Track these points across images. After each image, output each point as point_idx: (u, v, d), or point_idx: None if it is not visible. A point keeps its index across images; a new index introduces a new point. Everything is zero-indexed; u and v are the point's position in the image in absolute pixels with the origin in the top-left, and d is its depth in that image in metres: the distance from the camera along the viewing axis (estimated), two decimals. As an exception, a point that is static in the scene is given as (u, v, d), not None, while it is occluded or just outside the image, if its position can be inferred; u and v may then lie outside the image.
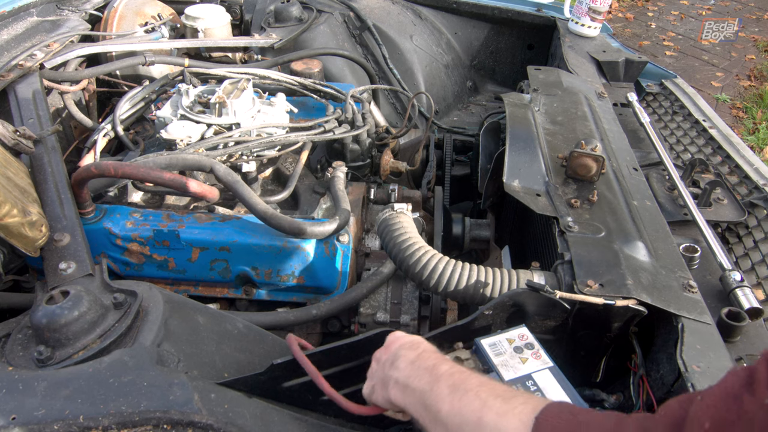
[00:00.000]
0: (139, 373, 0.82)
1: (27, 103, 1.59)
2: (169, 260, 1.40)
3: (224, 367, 0.99)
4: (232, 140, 1.52)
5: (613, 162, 1.58)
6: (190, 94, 1.62)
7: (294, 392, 0.99)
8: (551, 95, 1.90)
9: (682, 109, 2.16)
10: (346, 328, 1.47)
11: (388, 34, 2.66)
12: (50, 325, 0.92)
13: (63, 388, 0.79)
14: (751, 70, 5.46)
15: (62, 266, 1.15)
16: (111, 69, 1.95)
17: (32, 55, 1.78)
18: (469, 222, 1.73)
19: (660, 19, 6.58)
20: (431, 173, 2.02)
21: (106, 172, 1.26)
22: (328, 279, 1.42)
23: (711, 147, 1.92)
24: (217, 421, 0.77)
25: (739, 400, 0.58)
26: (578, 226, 1.30)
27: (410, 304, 1.42)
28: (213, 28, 2.25)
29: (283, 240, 1.36)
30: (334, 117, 1.72)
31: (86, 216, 1.36)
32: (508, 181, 1.46)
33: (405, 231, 1.32)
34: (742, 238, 1.57)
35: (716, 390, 0.62)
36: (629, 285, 1.12)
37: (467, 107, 2.94)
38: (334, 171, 1.61)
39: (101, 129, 1.64)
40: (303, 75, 1.99)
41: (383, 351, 0.92)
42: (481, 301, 1.20)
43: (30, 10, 2.05)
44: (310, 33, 2.46)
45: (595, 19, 2.45)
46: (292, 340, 0.97)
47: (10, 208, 1.12)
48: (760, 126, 4.48)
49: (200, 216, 1.42)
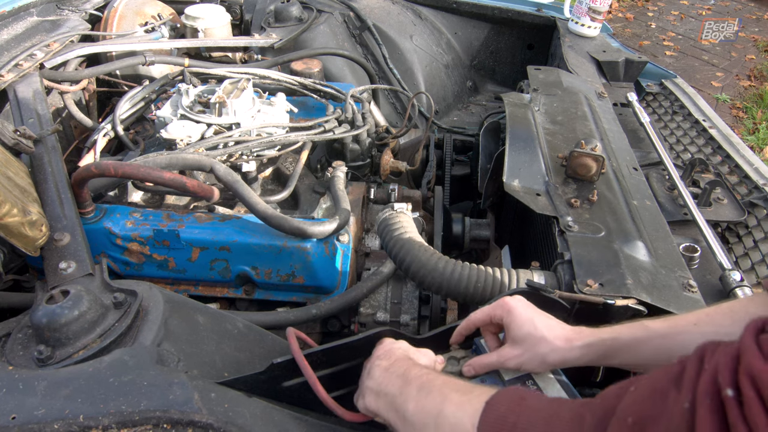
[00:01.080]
0: (139, 373, 0.82)
1: (27, 102, 1.59)
2: (169, 260, 1.40)
3: (224, 367, 0.99)
4: (232, 140, 1.52)
5: (613, 162, 1.58)
6: (190, 94, 1.63)
7: (294, 392, 0.99)
8: (551, 95, 1.90)
9: (682, 109, 2.16)
10: (346, 327, 1.47)
11: (388, 34, 2.67)
12: (50, 325, 0.92)
13: (63, 388, 0.79)
14: (751, 70, 5.46)
15: (62, 266, 1.15)
16: (111, 69, 1.95)
17: (32, 55, 1.78)
18: (469, 222, 1.73)
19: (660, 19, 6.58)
20: (431, 173, 2.02)
21: (106, 171, 1.26)
22: (328, 279, 1.42)
23: (711, 147, 1.92)
24: (217, 421, 0.77)
25: (665, 396, 0.55)
26: (578, 225, 1.31)
27: (410, 304, 1.42)
28: (213, 28, 2.25)
29: (283, 240, 1.37)
30: (334, 117, 1.72)
31: (86, 216, 1.36)
32: (508, 180, 1.46)
33: (405, 231, 1.32)
34: (742, 237, 1.57)
35: (646, 383, 0.59)
36: (629, 284, 1.12)
37: (467, 107, 2.95)
38: (334, 171, 1.61)
39: (101, 129, 1.64)
40: (303, 75, 1.99)
41: (368, 360, 0.95)
42: (481, 301, 1.20)
43: (30, 10, 2.05)
44: (310, 33, 2.47)
45: (595, 19, 2.45)
46: (291, 334, 0.98)
47: (10, 207, 1.12)
48: (760, 126, 4.48)
49: (200, 216, 1.42)
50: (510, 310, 0.91)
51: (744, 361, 0.50)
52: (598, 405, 0.63)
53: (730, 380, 0.50)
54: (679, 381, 0.54)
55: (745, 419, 0.47)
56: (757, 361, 0.49)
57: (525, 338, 0.89)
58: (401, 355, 0.92)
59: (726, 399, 0.49)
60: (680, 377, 0.55)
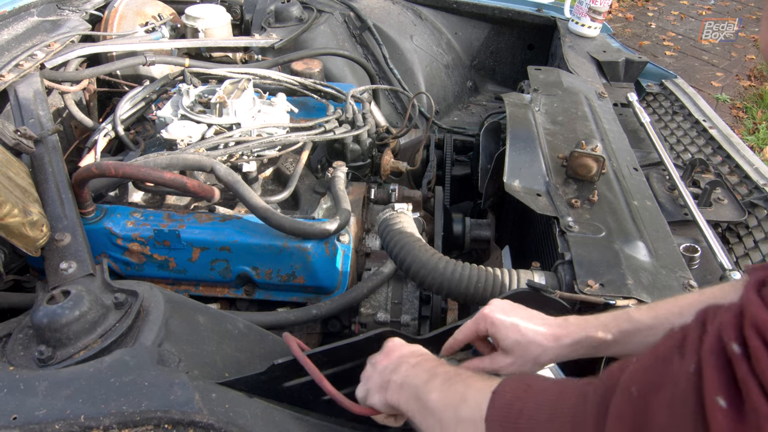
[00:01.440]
0: (140, 373, 0.82)
1: (27, 103, 1.59)
2: (169, 260, 1.40)
3: (225, 367, 0.99)
4: (233, 140, 1.52)
5: (614, 162, 1.58)
6: (191, 94, 1.63)
7: (295, 392, 0.99)
8: (551, 95, 1.90)
9: (682, 109, 2.16)
10: (347, 328, 1.47)
11: (389, 34, 2.67)
12: (51, 325, 0.92)
13: (64, 388, 0.79)
14: (751, 70, 5.46)
15: (63, 266, 1.15)
16: (111, 69, 1.95)
17: (33, 55, 1.78)
18: (470, 222, 1.73)
19: (660, 19, 6.58)
20: (431, 173, 2.02)
21: (107, 172, 1.26)
22: (328, 279, 1.42)
23: (711, 147, 1.92)
24: (218, 421, 0.77)
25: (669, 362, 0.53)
26: (578, 226, 1.31)
27: (411, 304, 1.42)
28: (213, 28, 2.25)
29: (283, 240, 1.37)
30: (334, 117, 1.72)
31: (87, 216, 1.36)
32: (508, 181, 1.46)
33: (405, 231, 1.32)
34: (743, 238, 1.57)
35: (649, 352, 0.57)
36: (629, 285, 1.13)
37: (467, 107, 2.95)
38: (334, 171, 1.61)
39: (102, 129, 1.64)
40: (303, 75, 1.99)
41: (382, 357, 0.93)
42: (481, 301, 1.19)
43: (30, 10, 2.05)
44: (310, 33, 2.47)
45: (595, 19, 2.45)
46: (290, 338, 0.97)
47: (10, 207, 1.12)
48: (760, 126, 4.48)
49: (201, 216, 1.42)
50: (493, 322, 0.90)
51: (748, 313, 0.48)
52: (602, 381, 0.62)
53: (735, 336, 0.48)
54: (682, 347, 0.53)
55: (754, 373, 0.45)
56: (762, 311, 0.47)
57: (514, 346, 0.89)
58: (429, 355, 0.92)
59: (733, 355, 0.47)
60: (683, 343, 0.53)
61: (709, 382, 0.47)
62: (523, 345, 0.88)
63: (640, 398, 0.54)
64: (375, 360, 0.94)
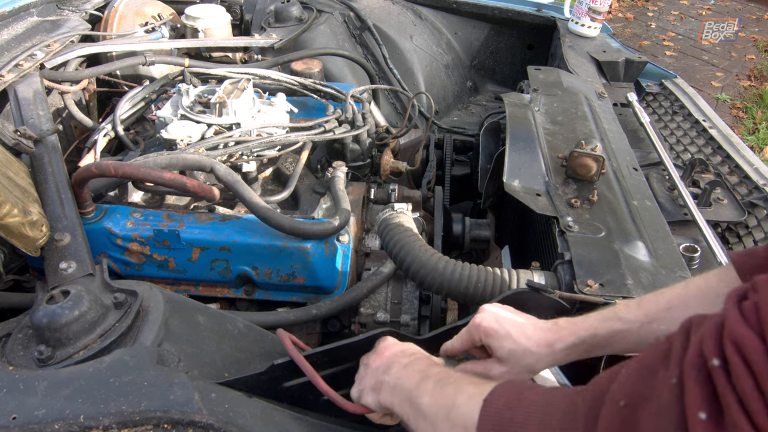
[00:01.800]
0: (140, 373, 0.82)
1: (27, 103, 1.59)
2: (169, 260, 1.40)
3: (224, 367, 0.99)
4: (233, 140, 1.52)
5: (613, 162, 1.58)
6: (191, 94, 1.63)
7: (294, 392, 0.99)
8: (551, 95, 1.90)
9: (682, 109, 2.16)
10: (347, 328, 1.47)
11: (388, 34, 2.67)
12: (51, 325, 0.92)
13: (63, 388, 0.79)
14: (751, 70, 5.46)
15: (63, 266, 1.15)
16: (111, 69, 1.95)
17: (32, 55, 1.78)
18: (469, 222, 1.73)
19: (660, 19, 6.58)
20: (431, 173, 2.02)
21: (107, 171, 1.26)
22: (328, 279, 1.42)
23: (711, 147, 1.92)
24: (218, 421, 0.77)
25: (654, 374, 0.53)
26: (578, 225, 1.31)
27: (410, 304, 1.42)
28: (213, 28, 2.25)
29: (283, 240, 1.37)
30: (334, 117, 1.72)
31: (86, 216, 1.36)
32: (508, 181, 1.46)
33: (405, 231, 1.32)
34: (742, 238, 1.57)
35: (635, 364, 0.57)
36: (629, 285, 1.13)
37: (467, 107, 2.95)
38: (334, 171, 1.61)
39: (101, 129, 1.64)
40: (303, 75, 1.99)
41: (375, 357, 0.93)
42: (481, 301, 1.19)
43: (30, 10, 2.05)
44: (310, 33, 2.47)
45: (595, 19, 2.45)
46: (283, 335, 0.97)
47: (10, 207, 1.12)
48: (760, 126, 4.48)
49: (200, 216, 1.42)
50: (487, 332, 0.91)
51: (727, 327, 0.48)
52: (590, 390, 0.62)
53: (716, 350, 0.48)
54: (667, 358, 0.53)
55: (733, 388, 0.45)
56: (740, 327, 0.47)
57: (509, 356, 0.89)
58: (421, 354, 0.92)
59: (713, 369, 0.48)
60: (668, 354, 0.53)
61: (690, 396, 0.48)
62: (518, 354, 0.88)
63: (628, 410, 0.54)
64: (367, 360, 0.95)
